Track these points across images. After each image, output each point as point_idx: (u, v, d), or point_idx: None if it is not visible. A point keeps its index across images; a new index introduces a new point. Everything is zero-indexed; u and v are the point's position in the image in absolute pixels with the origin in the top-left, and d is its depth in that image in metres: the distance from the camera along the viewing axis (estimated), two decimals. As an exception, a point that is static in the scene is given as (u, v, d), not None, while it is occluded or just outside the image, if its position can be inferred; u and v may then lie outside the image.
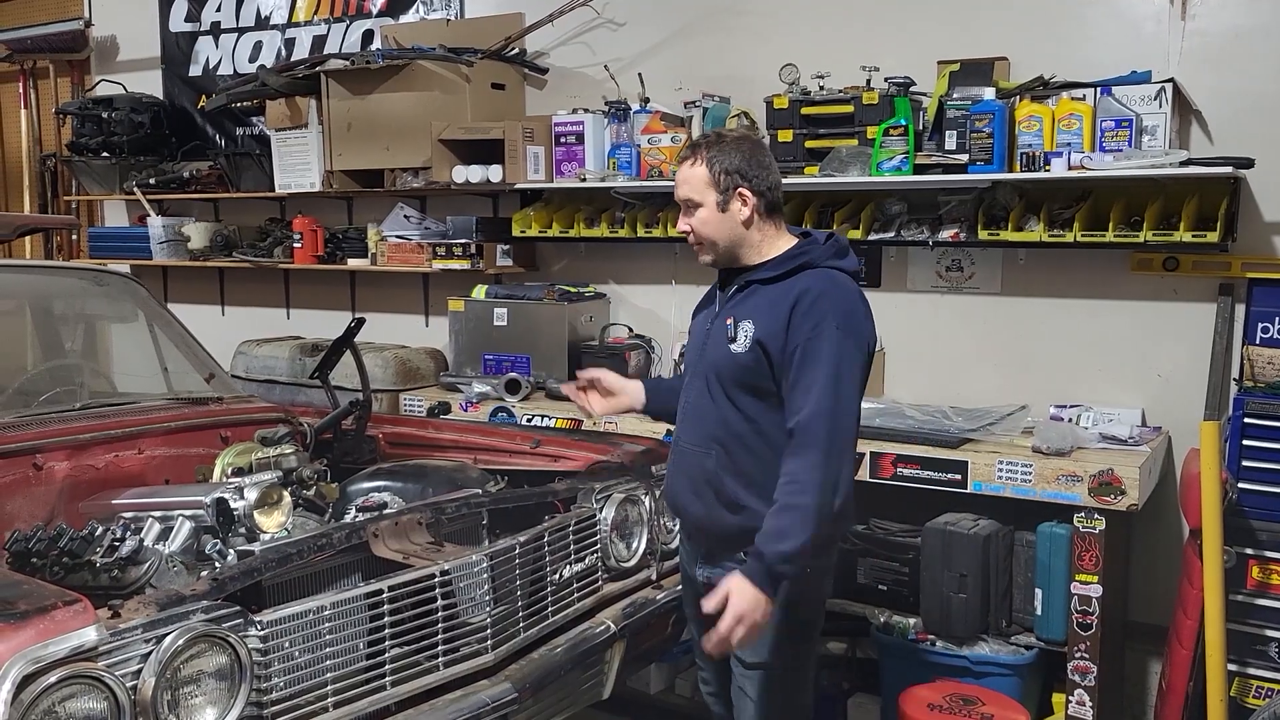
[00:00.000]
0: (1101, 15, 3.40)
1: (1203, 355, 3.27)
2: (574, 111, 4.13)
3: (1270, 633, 2.96)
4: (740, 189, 2.30)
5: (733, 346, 2.29)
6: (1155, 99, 3.15)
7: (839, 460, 2.18)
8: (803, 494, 2.15)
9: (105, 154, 5.34)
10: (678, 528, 2.93)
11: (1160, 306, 3.40)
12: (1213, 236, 3.09)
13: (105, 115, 5.28)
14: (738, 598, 2.14)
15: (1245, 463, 2.97)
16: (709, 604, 2.17)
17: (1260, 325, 3.21)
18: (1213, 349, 3.25)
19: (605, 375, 2.71)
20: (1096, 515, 2.94)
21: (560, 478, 2.89)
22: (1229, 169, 3.06)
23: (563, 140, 4.10)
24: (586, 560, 2.67)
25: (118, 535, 2.23)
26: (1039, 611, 3.10)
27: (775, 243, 2.35)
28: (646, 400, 2.66)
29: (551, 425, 3.70)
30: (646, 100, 4.04)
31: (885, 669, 3.31)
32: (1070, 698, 3.02)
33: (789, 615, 2.29)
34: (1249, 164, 3.07)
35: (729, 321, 2.32)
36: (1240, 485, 2.96)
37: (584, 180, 4.03)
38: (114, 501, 2.56)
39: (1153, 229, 3.17)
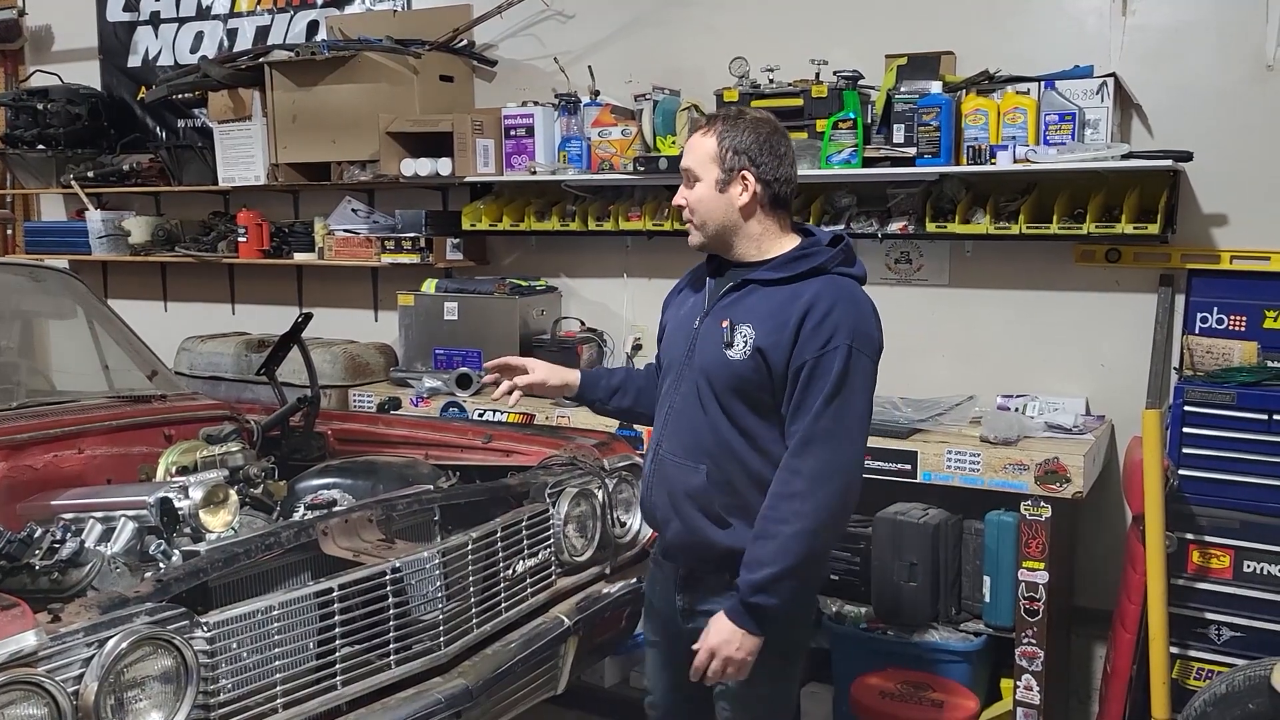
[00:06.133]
0: (1045, 10, 3.45)
1: (1144, 345, 3.34)
2: (524, 104, 4.10)
3: (1210, 616, 3.02)
4: (744, 171, 2.12)
5: (729, 352, 2.11)
6: (1097, 93, 3.21)
7: (831, 487, 2.03)
8: (783, 522, 2.02)
9: (41, 146, 5.19)
10: (646, 537, 2.87)
11: (1103, 297, 3.46)
12: (1153, 228, 3.15)
13: (40, 107, 5.14)
14: (714, 633, 2.07)
15: (1186, 450, 3.02)
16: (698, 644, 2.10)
17: (1199, 315, 3.28)
18: (1154, 339, 3.32)
19: (514, 361, 2.56)
20: (1042, 503, 2.99)
21: (513, 473, 2.88)
22: (1169, 162, 3.12)
23: (513, 133, 4.07)
24: (540, 555, 2.66)
25: (58, 537, 2.18)
26: (987, 599, 3.14)
27: (778, 240, 2.18)
28: (579, 389, 2.49)
29: (503, 420, 3.68)
30: (596, 93, 4.02)
31: (837, 658, 3.33)
32: (1018, 683, 3.07)
33: (777, 633, 2.13)
34: (1188, 157, 3.13)
35: (724, 324, 2.13)
36: (1181, 472, 3.02)
37: (534, 173, 4.01)
38: (53, 503, 2.50)
39: (1095, 221, 3.22)
